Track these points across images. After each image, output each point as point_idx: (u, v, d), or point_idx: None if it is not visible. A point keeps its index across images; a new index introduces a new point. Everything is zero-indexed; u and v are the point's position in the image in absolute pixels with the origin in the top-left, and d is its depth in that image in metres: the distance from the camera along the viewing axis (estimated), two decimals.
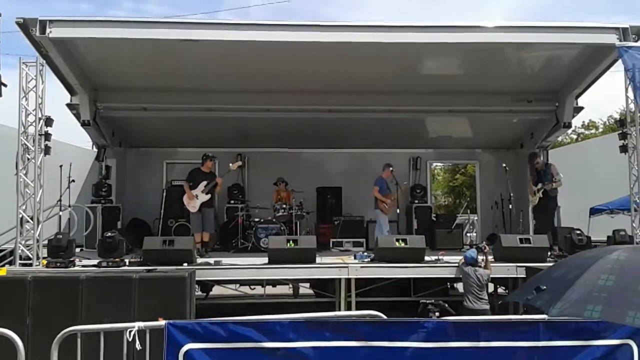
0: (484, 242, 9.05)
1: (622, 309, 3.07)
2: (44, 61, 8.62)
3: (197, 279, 8.02)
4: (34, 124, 8.29)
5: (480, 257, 8.34)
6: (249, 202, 12.64)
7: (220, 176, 10.46)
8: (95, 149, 12.84)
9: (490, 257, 8.42)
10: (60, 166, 9.59)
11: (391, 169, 11.26)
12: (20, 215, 8.19)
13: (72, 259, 8.26)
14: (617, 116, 24.19)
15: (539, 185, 10.79)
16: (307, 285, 10.68)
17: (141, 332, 4.13)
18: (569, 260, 4.23)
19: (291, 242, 8.86)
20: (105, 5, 68.08)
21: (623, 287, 3.13)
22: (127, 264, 8.33)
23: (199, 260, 8.97)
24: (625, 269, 3.23)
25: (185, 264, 8.29)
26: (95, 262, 8.32)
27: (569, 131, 21.54)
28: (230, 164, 10.55)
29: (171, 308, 6.70)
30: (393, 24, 9.27)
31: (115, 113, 11.60)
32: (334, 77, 10.63)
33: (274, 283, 10.16)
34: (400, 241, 9.02)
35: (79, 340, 4.22)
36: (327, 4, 68.02)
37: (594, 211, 12.02)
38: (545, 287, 3.43)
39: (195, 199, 10.08)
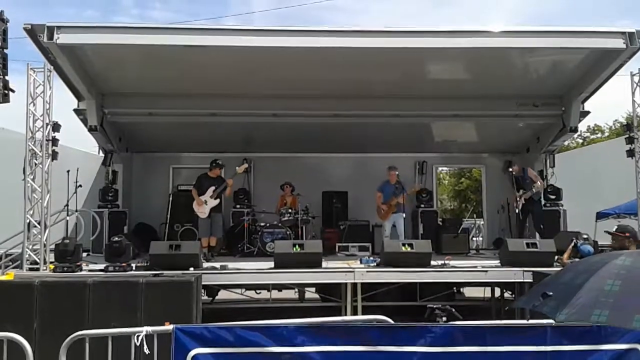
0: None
1: (629, 313, 3.08)
2: (52, 67, 8.66)
3: (203, 283, 8.04)
4: (41, 129, 8.33)
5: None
6: (254, 207, 12.66)
7: (225, 182, 10.47)
8: (102, 154, 12.89)
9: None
10: (68, 171, 9.62)
11: (393, 172, 11.25)
12: (28, 220, 8.21)
13: (79, 264, 8.27)
14: (623, 120, 24.14)
15: (521, 192, 10.80)
16: (313, 289, 10.68)
17: (149, 337, 4.14)
18: (575, 265, 4.23)
19: (297, 246, 8.86)
20: (110, 11, 68.49)
21: (629, 291, 3.14)
22: (133, 268, 8.34)
23: (205, 264, 8.99)
24: (631, 273, 3.23)
25: (192, 269, 8.29)
26: (102, 266, 8.32)
27: (575, 135, 21.47)
28: (237, 167, 10.58)
29: (178, 312, 6.71)
30: (399, 29, 9.34)
31: (122, 118, 11.66)
32: (340, 82, 10.65)
33: (280, 287, 10.16)
34: (407, 245, 9.00)
35: (87, 344, 4.23)
36: (330, 10, 68.22)
37: (600, 215, 11.99)
38: (551, 294, 3.42)
39: (204, 205, 10.15)
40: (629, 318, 3.07)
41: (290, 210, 11.57)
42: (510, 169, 11.20)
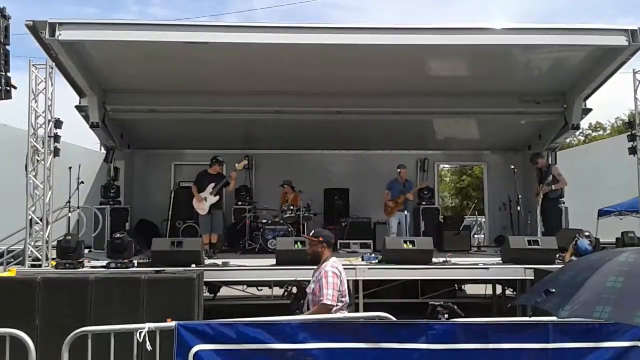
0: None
1: (631, 309, 3.08)
2: (53, 63, 8.66)
3: (205, 280, 8.05)
4: (43, 125, 8.33)
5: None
6: (256, 204, 12.67)
7: (227, 177, 10.47)
8: (103, 151, 12.90)
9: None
10: (69, 168, 9.64)
11: (403, 170, 11.40)
12: (30, 217, 8.22)
13: (81, 260, 8.28)
14: (625, 118, 24.11)
15: (540, 186, 10.87)
16: None
17: (151, 333, 4.14)
18: (577, 263, 4.22)
19: (299, 243, 8.86)
20: (110, 8, 68.48)
21: (631, 288, 3.14)
22: (135, 265, 8.35)
23: (207, 261, 8.99)
24: (633, 270, 3.23)
25: (194, 265, 8.31)
26: (104, 263, 8.34)
27: (577, 132, 21.48)
28: (236, 164, 10.57)
29: (179, 309, 6.72)
30: (401, 26, 9.30)
31: (123, 115, 11.67)
32: (341, 79, 10.64)
33: (282, 284, 10.15)
34: (408, 243, 9.00)
35: (89, 341, 4.24)
36: (331, 7, 68.10)
37: (602, 213, 11.97)
38: (554, 290, 3.42)
39: (204, 202, 10.15)
40: (630, 314, 3.07)
41: (291, 207, 11.58)
42: (537, 162, 11.26)
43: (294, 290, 5.41)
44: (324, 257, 5.18)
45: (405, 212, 11.14)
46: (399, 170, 11.50)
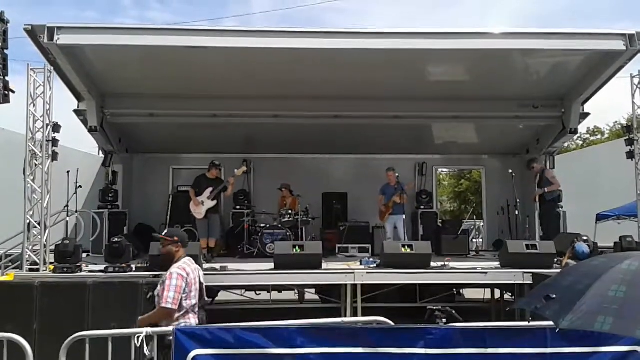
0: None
1: (634, 321, 3.02)
2: (52, 68, 8.66)
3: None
4: (41, 130, 8.33)
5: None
6: (254, 208, 12.66)
7: (225, 182, 10.47)
8: (102, 155, 12.89)
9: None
10: (68, 172, 9.63)
11: (390, 173, 11.35)
12: (28, 221, 8.21)
13: (79, 265, 8.27)
14: (623, 122, 24.17)
15: (536, 190, 10.98)
16: (313, 290, 10.67)
17: (148, 338, 4.14)
18: (578, 267, 4.19)
19: (297, 247, 8.84)
20: (109, 12, 68.60)
21: (634, 298, 3.07)
22: (133, 269, 8.33)
23: (205, 265, 8.97)
24: (636, 279, 3.16)
25: None
26: (102, 267, 8.31)
27: (575, 137, 21.50)
28: (235, 170, 10.56)
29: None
30: (400, 30, 9.32)
31: (122, 119, 11.65)
32: (340, 84, 10.65)
33: (280, 289, 10.15)
34: (406, 247, 9.00)
35: (87, 345, 4.23)
36: (330, 11, 68.31)
37: (600, 217, 12.00)
38: (554, 297, 3.38)
39: (201, 206, 10.14)
40: (633, 326, 3.00)
41: (290, 212, 11.57)
42: (533, 167, 11.47)
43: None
44: (177, 257, 5.02)
45: (403, 216, 11.08)
46: (397, 174, 11.44)
